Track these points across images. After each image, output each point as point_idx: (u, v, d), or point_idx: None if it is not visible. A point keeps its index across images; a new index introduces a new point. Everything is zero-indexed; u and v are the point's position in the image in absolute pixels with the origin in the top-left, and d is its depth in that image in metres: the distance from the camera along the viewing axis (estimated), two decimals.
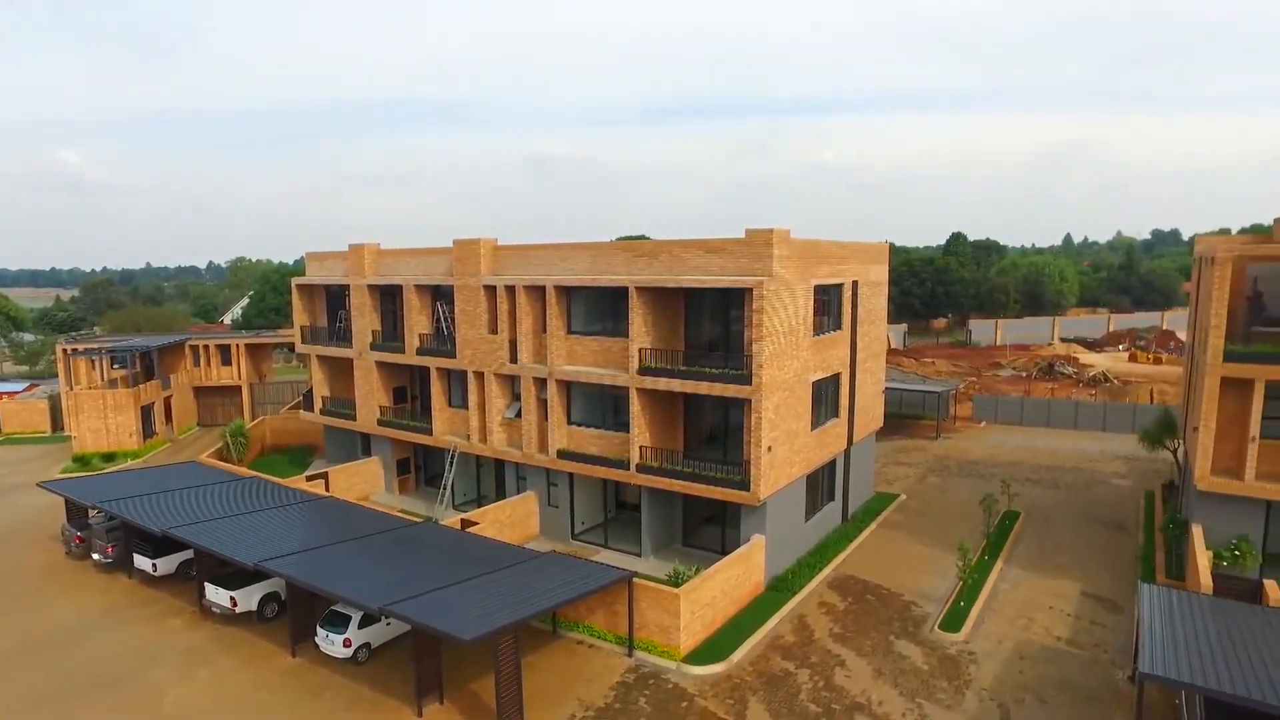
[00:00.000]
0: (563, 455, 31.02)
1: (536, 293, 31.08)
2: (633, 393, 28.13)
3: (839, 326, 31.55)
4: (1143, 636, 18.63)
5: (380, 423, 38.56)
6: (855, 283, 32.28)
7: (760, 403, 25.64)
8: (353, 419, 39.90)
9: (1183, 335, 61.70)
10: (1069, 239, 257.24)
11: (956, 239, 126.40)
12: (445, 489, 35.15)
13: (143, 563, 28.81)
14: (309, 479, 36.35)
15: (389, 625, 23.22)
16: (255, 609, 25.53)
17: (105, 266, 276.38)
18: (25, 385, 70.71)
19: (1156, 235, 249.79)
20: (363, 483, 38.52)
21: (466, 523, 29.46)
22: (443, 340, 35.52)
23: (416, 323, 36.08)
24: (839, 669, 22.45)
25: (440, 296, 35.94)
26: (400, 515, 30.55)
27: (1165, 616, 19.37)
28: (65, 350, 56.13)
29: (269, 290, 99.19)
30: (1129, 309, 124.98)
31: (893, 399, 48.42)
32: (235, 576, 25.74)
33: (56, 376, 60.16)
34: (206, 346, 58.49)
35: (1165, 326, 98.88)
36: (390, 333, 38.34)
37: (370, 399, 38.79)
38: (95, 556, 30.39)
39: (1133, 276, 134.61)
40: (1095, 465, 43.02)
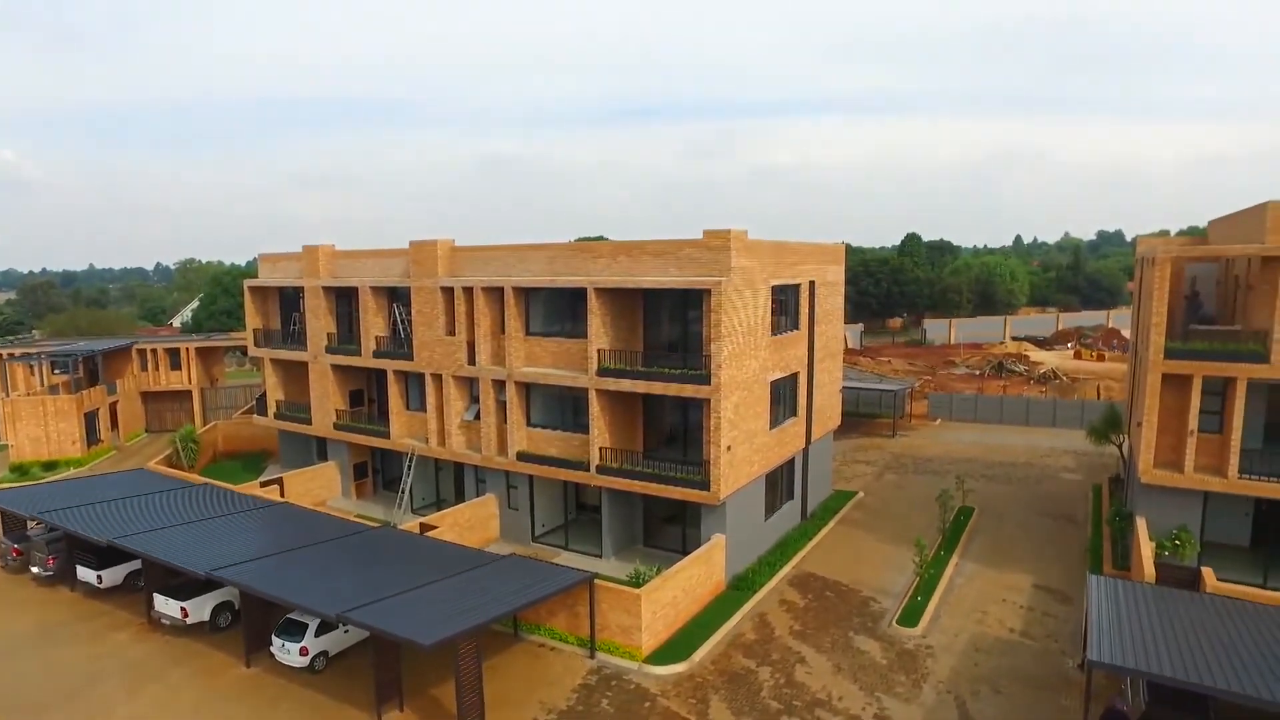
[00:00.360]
0: (522, 457, 30.85)
1: (495, 294, 30.87)
2: (592, 394, 28.10)
3: (796, 326, 31.91)
4: (1090, 626, 19.42)
5: (336, 427, 37.93)
6: (812, 283, 32.68)
7: (719, 402, 25.81)
8: (308, 423, 39.18)
9: (1127, 333, 63.71)
10: (1019, 240, 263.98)
11: (911, 240, 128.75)
12: (403, 493, 34.70)
13: (87, 575, 27.89)
14: (263, 485, 35.60)
15: (347, 633, 22.84)
16: (208, 619, 24.90)
17: (45, 268, 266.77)
18: None
19: (1102, 236, 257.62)
20: (319, 488, 37.83)
21: (425, 526, 29.12)
22: (400, 343, 35.06)
23: (373, 325, 35.57)
24: (799, 666, 22.70)
25: (397, 298, 35.49)
26: (358, 520, 30.08)
27: (1111, 606, 20.16)
28: (1, 355, 54.07)
29: (220, 292, 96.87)
30: (1077, 308, 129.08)
31: (850, 398, 49.19)
32: (186, 586, 25.08)
33: None
34: (155, 350, 56.90)
35: (1111, 324, 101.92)
36: (346, 335, 37.74)
37: (326, 403, 38.12)
38: (35, 570, 29.30)
39: (1080, 276, 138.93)
40: (1046, 460, 44.16)
